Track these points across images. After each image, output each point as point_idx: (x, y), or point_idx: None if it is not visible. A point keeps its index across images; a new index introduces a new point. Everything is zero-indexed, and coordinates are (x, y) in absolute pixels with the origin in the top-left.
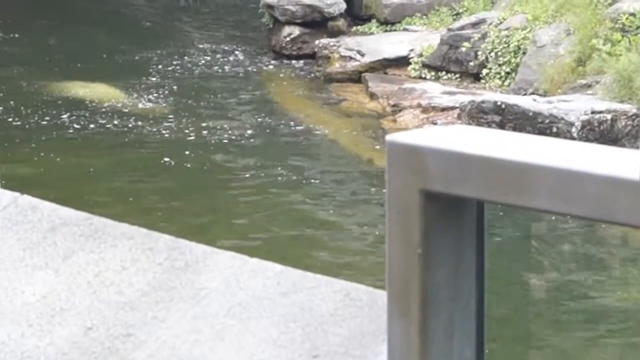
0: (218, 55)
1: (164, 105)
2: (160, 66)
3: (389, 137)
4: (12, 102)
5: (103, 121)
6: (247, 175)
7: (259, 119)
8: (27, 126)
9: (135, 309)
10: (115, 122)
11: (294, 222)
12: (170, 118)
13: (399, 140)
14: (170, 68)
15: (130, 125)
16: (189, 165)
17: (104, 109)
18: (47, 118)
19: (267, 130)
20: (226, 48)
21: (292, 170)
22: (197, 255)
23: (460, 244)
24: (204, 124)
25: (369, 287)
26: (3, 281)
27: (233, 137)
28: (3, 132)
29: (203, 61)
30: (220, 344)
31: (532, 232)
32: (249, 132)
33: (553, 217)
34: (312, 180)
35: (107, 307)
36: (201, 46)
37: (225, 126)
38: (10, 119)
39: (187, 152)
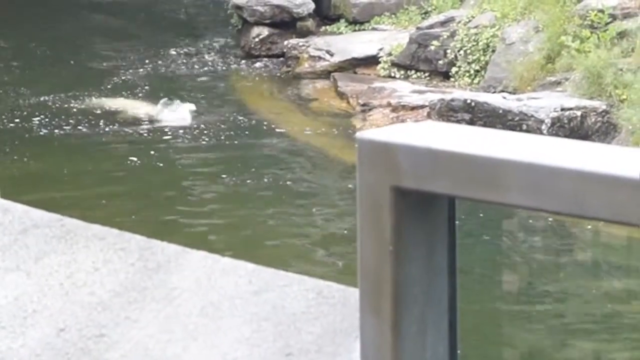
0: (187, 57)
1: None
2: (130, 69)
3: (359, 134)
4: None
5: (72, 122)
6: (213, 176)
7: (227, 120)
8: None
9: (107, 310)
10: (85, 123)
11: (262, 222)
12: (134, 115)
13: (369, 137)
14: (140, 69)
15: (96, 127)
16: (152, 165)
17: (73, 112)
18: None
19: (235, 131)
20: (195, 49)
21: (261, 170)
22: (169, 255)
23: (432, 240)
24: (168, 127)
25: (341, 284)
26: None
27: (201, 137)
28: None
29: (172, 62)
30: (193, 344)
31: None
32: (217, 132)
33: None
34: (282, 180)
35: (79, 308)
36: (169, 47)
37: (189, 125)
38: None
39: (152, 153)
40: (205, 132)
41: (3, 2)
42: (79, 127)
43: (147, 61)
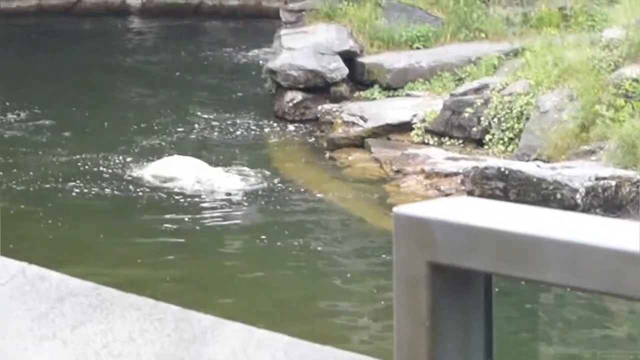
0: (220, 120)
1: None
2: (164, 131)
3: (396, 209)
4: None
5: (104, 185)
6: (246, 240)
7: (260, 184)
8: None
9: None
10: (120, 186)
11: (297, 290)
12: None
13: (406, 212)
14: (173, 133)
15: (129, 190)
16: (186, 228)
17: (106, 174)
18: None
19: (268, 197)
20: (228, 112)
21: (294, 236)
22: (205, 326)
23: (468, 316)
24: (200, 190)
25: (376, 358)
26: (11, 351)
27: (234, 202)
28: None
29: (205, 126)
30: None
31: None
32: (250, 197)
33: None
34: (315, 247)
35: None
36: (203, 111)
37: (221, 192)
38: None
39: (184, 218)
40: (237, 196)
41: (44, 69)
42: (115, 191)
43: (180, 123)
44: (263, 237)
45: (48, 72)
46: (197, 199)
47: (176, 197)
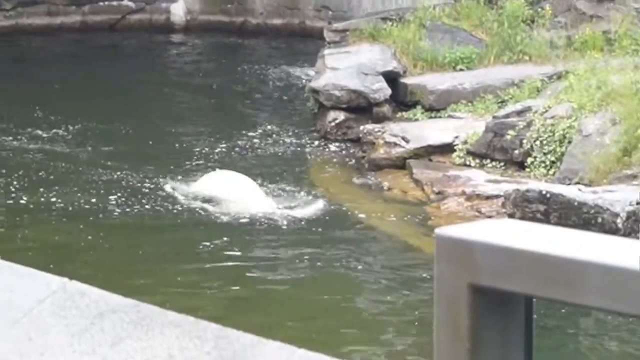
0: (263, 137)
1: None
2: (206, 149)
3: (438, 231)
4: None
5: (146, 201)
6: (286, 261)
7: (301, 204)
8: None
9: None
10: (163, 203)
11: (338, 311)
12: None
13: (448, 234)
14: (216, 150)
15: (171, 207)
16: (228, 247)
17: (148, 191)
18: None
19: (309, 216)
20: (271, 132)
21: (336, 256)
22: (245, 344)
23: (508, 338)
24: (242, 210)
25: None
26: None
27: (276, 222)
28: None
29: (247, 144)
30: None
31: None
32: (291, 216)
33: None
34: (356, 268)
35: None
36: (245, 129)
37: (263, 211)
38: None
39: (225, 238)
40: (279, 215)
41: (98, 86)
42: (157, 208)
43: (222, 141)
44: (305, 257)
45: (91, 88)
46: (239, 218)
47: (219, 215)
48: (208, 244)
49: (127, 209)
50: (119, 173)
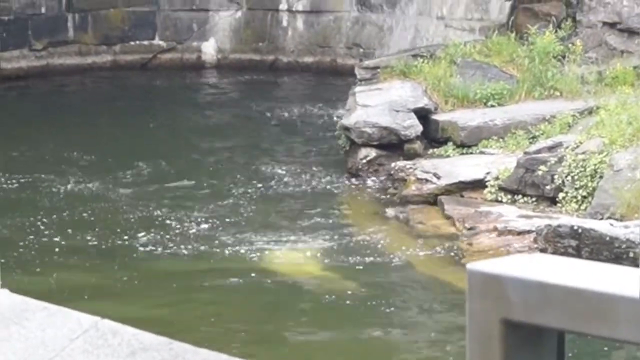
0: (294, 176)
1: (237, 222)
2: (237, 188)
3: (469, 266)
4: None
5: (177, 243)
6: (320, 297)
7: (333, 241)
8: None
9: None
10: (193, 245)
11: (373, 352)
12: (245, 236)
13: (479, 269)
14: (249, 188)
15: (202, 249)
16: (268, 288)
17: (179, 232)
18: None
19: (340, 253)
20: (302, 169)
21: (367, 294)
22: None
23: None
24: (279, 245)
25: None
26: None
27: (307, 257)
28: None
29: (279, 182)
30: None
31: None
32: (323, 254)
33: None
34: (388, 306)
35: None
36: (276, 166)
37: (299, 246)
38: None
39: (252, 275)
40: (309, 252)
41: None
42: (187, 251)
43: (253, 179)
44: (334, 293)
45: (123, 127)
46: (270, 254)
47: (251, 256)
48: (237, 284)
49: (160, 251)
50: (149, 212)
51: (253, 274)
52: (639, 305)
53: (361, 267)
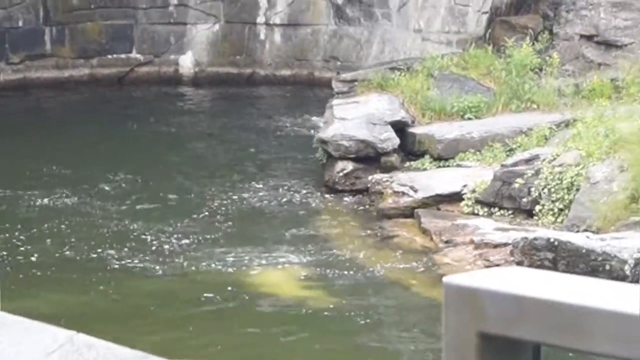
0: (271, 190)
1: (214, 237)
2: (213, 200)
3: (446, 279)
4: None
5: (149, 256)
6: (297, 311)
7: (310, 255)
8: None
9: None
10: (158, 259)
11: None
12: (221, 252)
13: (456, 282)
14: (225, 202)
15: (168, 262)
16: (244, 303)
17: (154, 246)
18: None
19: (317, 266)
20: (278, 183)
21: (344, 308)
22: None
23: None
24: (252, 261)
25: None
26: None
27: (282, 274)
28: None
29: (254, 195)
30: None
31: None
32: (300, 268)
33: None
34: (364, 319)
35: None
36: (253, 181)
37: (276, 260)
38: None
39: (229, 288)
40: (288, 267)
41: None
42: (159, 266)
43: (230, 192)
44: (310, 306)
45: (100, 141)
46: (246, 269)
47: (227, 271)
48: (212, 294)
49: (133, 264)
50: (125, 227)
51: (229, 289)
52: (614, 318)
53: (339, 282)
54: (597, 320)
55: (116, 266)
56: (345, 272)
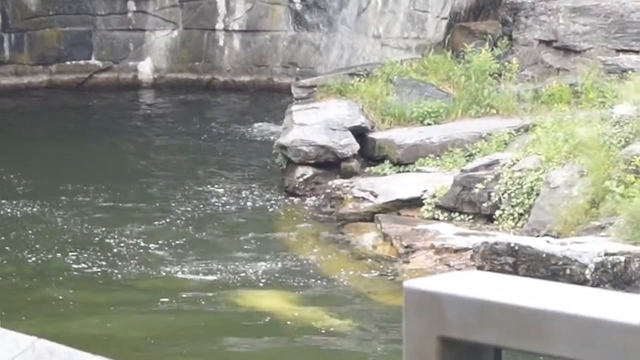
0: (231, 195)
1: (171, 245)
2: (175, 207)
3: (406, 284)
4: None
5: (112, 258)
6: (255, 318)
7: (269, 261)
8: None
9: None
10: (118, 264)
11: None
12: (180, 257)
13: (416, 287)
14: (186, 207)
15: (128, 267)
16: (201, 310)
17: (117, 248)
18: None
19: (276, 273)
20: (239, 188)
21: (303, 315)
22: None
23: None
24: (212, 267)
25: None
26: None
27: (242, 280)
28: None
29: (216, 201)
30: None
31: None
32: (258, 274)
33: None
34: (324, 326)
35: None
36: (212, 186)
37: (232, 268)
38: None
39: (184, 295)
40: (247, 274)
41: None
42: (118, 267)
43: (191, 198)
44: (267, 315)
45: (59, 148)
46: (205, 276)
47: (186, 277)
48: (169, 299)
49: (95, 266)
50: (91, 231)
51: (184, 295)
52: (575, 321)
53: (298, 288)
54: (558, 324)
55: (75, 271)
56: (305, 279)
